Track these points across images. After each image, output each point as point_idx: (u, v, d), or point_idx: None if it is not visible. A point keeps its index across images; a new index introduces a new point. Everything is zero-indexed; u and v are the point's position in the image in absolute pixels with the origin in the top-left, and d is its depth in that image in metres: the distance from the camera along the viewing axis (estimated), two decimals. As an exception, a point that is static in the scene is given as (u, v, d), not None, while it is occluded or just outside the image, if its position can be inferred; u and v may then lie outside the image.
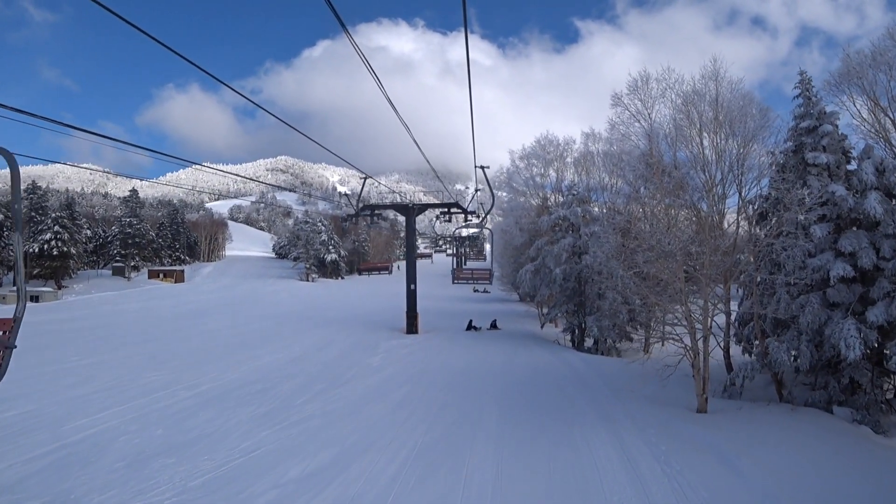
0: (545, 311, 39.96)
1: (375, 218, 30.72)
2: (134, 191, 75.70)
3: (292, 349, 25.11)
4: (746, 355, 20.74)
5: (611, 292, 25.46)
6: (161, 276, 68.61)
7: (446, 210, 30.28)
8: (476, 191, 29.17)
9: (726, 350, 20.28)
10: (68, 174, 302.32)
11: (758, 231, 18.22)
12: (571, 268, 26.65)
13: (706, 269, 15.07)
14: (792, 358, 15.77)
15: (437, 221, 30.94)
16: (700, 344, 15.41)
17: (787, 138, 17.17)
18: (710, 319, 15.18)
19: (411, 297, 30.36)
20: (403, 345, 26.12)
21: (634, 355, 26.98)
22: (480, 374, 20.09)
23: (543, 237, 29.24)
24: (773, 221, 16.19)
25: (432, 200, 31.39)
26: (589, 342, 27.11)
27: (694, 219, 16.06)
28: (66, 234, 59.64)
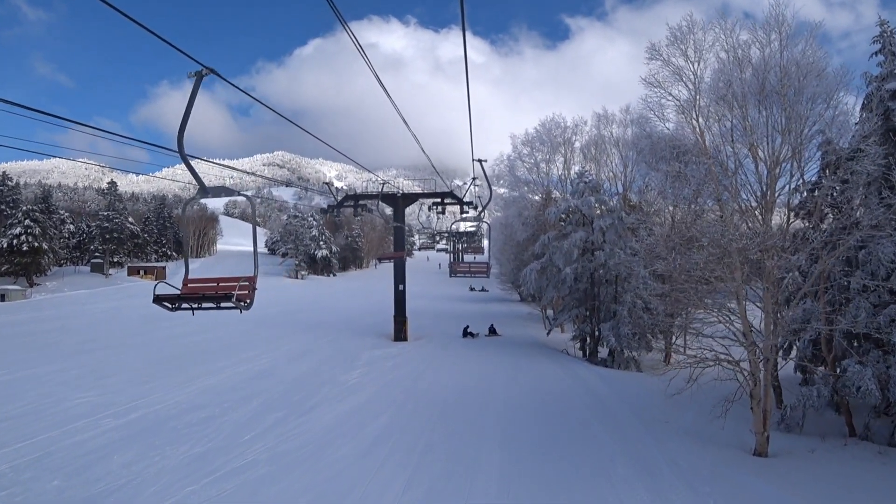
0: (550, 312, 36.45)
1: (361, 209, 27.11)
2: (113, 183, 71.54)
3: (259, 361, 21.60)
4: (798, 373, 17.32)
5: (629, 295, 21.99)
6: (141, 272, 64.87)
7: (440, 201, 26.71)
8: (473, 178, 25.64)
9: (774, 368, 16.75)
10: (64, 169, 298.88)
11: (806, 223, 14.81)
12: (584, 266, 23.10)
13: (771, 272, 11.56)
14: (877, 385, 12.26)
15: (432, 213, 27.22)
16: (761, 368, 11.93)
17: (863, 105, 13.68)
18: (776, 336, 11.69)
19: (399, 299, 26.81)
20: (388, 355, 22.57)
21: (655, 368, 23.53)
22: (477, 397, 16.58)
23: (550, 231, 25.67)
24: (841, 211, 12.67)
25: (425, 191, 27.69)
26: (603, 351, 23.60)
27: (743, 207, 12.49)
28: (38, 229, 55.81)
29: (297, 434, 13.08)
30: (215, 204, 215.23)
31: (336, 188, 27.48)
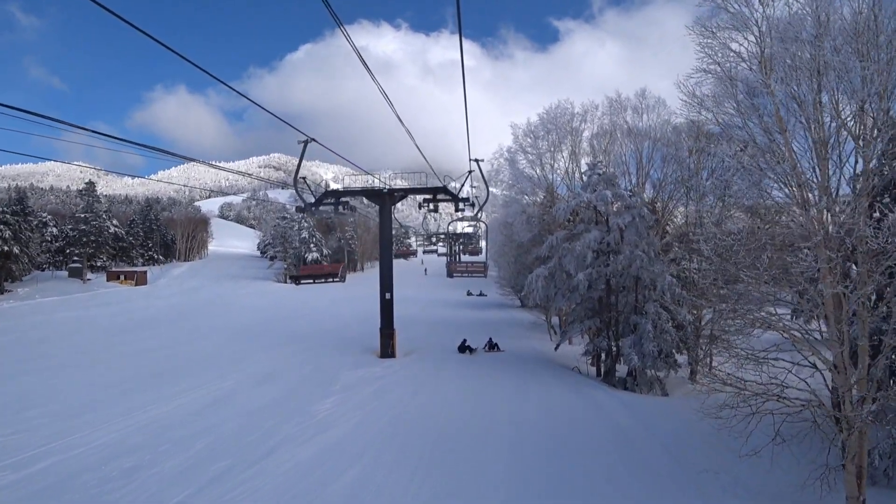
0: (555, 320, 33.31)
1: (343, 207, 23.96)
2: (90, 183, 67.96)
3: (222, 383, 18.45)
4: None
5: (653, 305, 18.89)
6: (121, 277, 61.44)
7: (431, 197, 23.58)
8: (469, 172, 22.61)
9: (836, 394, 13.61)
10: (59, 172, 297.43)
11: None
12: (599, 272, 19.98)
13: (864, 280, 8.48)
14: None
15: (423, 211, 24.09)
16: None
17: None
18: (879, 366, 8.60)
19: (387, 309, 23.60)
20: (372, 376, 19.39)
21: (680, 389, 20.46)
22: (476, 434, 13.41)
23: (558, 231, 22.51)
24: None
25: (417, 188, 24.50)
26: (621, 369, 20.48)
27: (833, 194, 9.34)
28: (9, 232, 52.56)
29: (239, 496, 9.95)
30: (209, 206, 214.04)
31: (317, 185, 24.30)
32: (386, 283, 23.64)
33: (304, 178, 23.91)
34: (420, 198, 25.42)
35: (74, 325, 33.63)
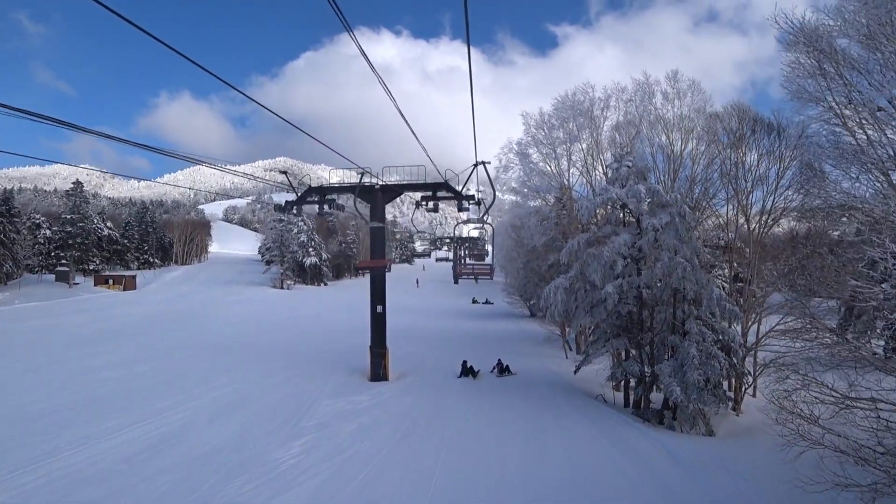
0: (571, 333, 29.90)
1: (329, 206, 20.77)
2: (78, 183, 65.14)
3: (170, 417, 15.22)
4: None
5: (695, 323, 15.51)
6: (109, 282, 58.52)
7: (431, 194, 20.31)
8: (474, 166, 19.37)
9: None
10: (65, 174, 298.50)
11: None
12: (630, 282, 16.58)
13: None
14: None
15: (422, 208, 20.82)
16: None
17: None
18: None
19: (378, 324, 20.30)
20: (356, 409, 16.04)
21: (722, 424, 17.03)
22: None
23: (580, 234, 19.07)
24: None
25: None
26: (656, 398, 17.03)
27: None
28: (-10, 235, 49.86)
29: None
30: (214, 209, 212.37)
31: (282, 172, 21.24)
32: (378, 294, 20.36)
33: (285, 172, 20.80)
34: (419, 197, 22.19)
35: (37, 335, 30.47)
